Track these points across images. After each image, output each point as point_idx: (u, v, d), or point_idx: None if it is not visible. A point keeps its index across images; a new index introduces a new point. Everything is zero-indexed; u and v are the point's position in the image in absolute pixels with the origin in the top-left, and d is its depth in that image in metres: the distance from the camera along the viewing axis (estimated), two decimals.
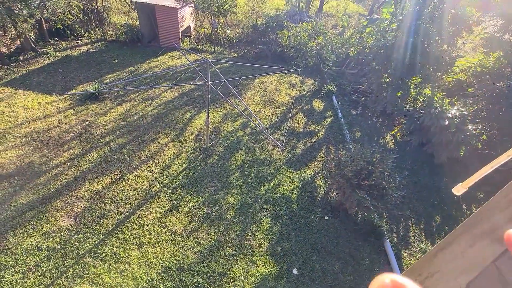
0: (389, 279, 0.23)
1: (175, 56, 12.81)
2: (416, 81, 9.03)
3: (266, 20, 14.42)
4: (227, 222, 6.17)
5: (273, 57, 13.48)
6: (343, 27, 14.22)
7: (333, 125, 9.68)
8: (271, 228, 6.19)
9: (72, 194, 6.30)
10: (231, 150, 8.00)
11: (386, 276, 0.24)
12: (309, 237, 6.13)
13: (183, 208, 6.34)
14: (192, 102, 9.82)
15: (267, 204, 6.68)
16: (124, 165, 7.14)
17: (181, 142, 8.06)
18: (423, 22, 8.06)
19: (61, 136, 7.73)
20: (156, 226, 5.90)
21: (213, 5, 13.01)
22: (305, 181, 7.42)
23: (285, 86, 11.53)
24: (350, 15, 19.85)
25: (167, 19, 12.71)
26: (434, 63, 8.43)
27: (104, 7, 14.01)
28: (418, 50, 8.13)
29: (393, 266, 5.72)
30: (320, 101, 10.91)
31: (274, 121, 9.52)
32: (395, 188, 5.79)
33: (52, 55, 11.26)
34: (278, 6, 19.51)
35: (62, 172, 6.75)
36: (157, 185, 6.76)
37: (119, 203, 6.25)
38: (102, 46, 12.74)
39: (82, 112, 8.71)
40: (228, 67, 12.50)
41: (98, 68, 11.08)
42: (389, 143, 9.36)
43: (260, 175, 7.37)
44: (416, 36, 8.11)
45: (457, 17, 8.06)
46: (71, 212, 5.96)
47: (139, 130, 8.28)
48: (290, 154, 8.20)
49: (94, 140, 7.76)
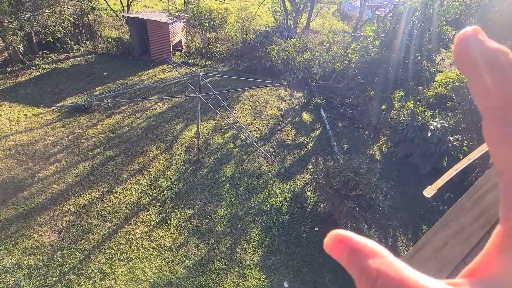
0: (332, 234, 0.24)
1: (166, 69, 12.93)
2: (399, 95, 9.44)
3: (255, 35, 14.87)
4: (217, 235, 6.11)
5: (262, 71, 13.82)
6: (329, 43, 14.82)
7: (322, 137, 9.90)
8: (262, 241, 6.16)
9: (57, 208, 6.12)
10: (221, 162, 8.02)
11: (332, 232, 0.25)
12: (299, 249, 6.13)
13: (172, 221, 6.24)
14: (183, 115, 9.87)
15: (257, 216, 6.68)
16: (112, 178, 7.03)
17: (171, 155, 8.02)
18: (403, 40, 8.55)
19: (47, 148, 7.57)
20: (144, 241, 5.78)
21: (204, 20, 13.36)
22: (295, 192, 7.49)
23: (275, 99, 11.78)
24: (336, 32, 20.73)
25: (159, 33, 12.92)
26: (415, 78, 8.87)
27: (95, 21, 14.13)
28: (399, 65, 8.57)
29: None
30: (308, 114, 11.17)
31: (264, 133, 9.65)
32: (383, 198, 5.93)
33: (41, 67, 11.16)
34: (267, 22, 20.19)
35: (47, 185, 6.56)
36: (146, 198, 6.66)
37: (106, 217, 6.11)
38: (93, 59, 12.74)
39: (70, 124, 8.59)
40: (219, 80, 12.71)
41: (88, 81, 11.04)
42: (376, 154, 9.62)
43: (250, 187, 7.39)
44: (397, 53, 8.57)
45: (434, 35, 8.60)
46: (55, 227, 5.76)
47: (129, 143, 8.21)
48: (280, 166, 8.29)
49: (82, 152, 7.63)
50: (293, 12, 18.69)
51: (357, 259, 0.21)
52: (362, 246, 0.22)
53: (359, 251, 0.21)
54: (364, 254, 0.21)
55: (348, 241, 0.22)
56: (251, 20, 17.08)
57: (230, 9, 18.40)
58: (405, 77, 8.84)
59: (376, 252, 0.21)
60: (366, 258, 0.21)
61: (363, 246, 0.22)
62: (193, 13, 13.51)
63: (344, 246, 0.22)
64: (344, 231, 0.23)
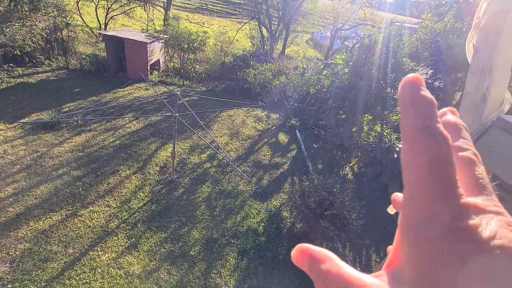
0: (295, 249, 0.28)
1: (143, 88, 12.78)
2: (368, 118, 10.11)
3: (233, 58, 15.38)
4: (191, 259, 5.85)
5: (240, 92, 14.16)
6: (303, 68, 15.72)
7: (297, 157, 10.16)
8: (238, 264, 5.99)
9: (11, 234, 5.53)
10: (197, 182, 7.87)
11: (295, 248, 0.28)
12: (276, 272, 6.03)
13: (142, 246, 5.90)
14: (158, 134, 9.67)
15: (233, 238, 6.53)
16: (78, 199, 6.56)
17: (144, 174, 7.74)
18: (368, 69, 9.34)
19: (4, 168, 6.95)
20: (110, 268, 5.36)
21: (183, 42, 13.62)
22: (272, 212, 7.49)
23: (252, 120, 12.02)
24: (309, 58, 22.09)
25: (136, 52, 12.89)
26: (381, 103, 9.62)
27: (69, 36, 13.80)
28: (367, 91, 9.28)
29: None
30: (284, 135, 11.49)
31: (241, 153, 9.71)
32: (356, 217, 6.14)
33: (4, 81, 10.50)
34: (244, 47, 21.04)
35: (1, 209, 5.95)
36: (114, 221, 6.26)
37: (69, 243, 5.62)
38: (64, 75, 12.27)
39: (34, 142, 8.03)
40: (196, 100, 12.77)
41: (57, 97, 10.54)
42: (348, 174, 10.03)
43: (227, 208, 7.27)
44: (364, 80, 9.31)
45: (396, 65, 9.51)
46: (7, 256, 5.18)
47: (98, 162, 7.81)
48: (257, 186, 8.30)
49: (45, 172, 7.10)
50: (269, 38, 19.74)
51: (314, 265, 0.26)
52: (317, 254, 0.27)
53: (315, 258, 0.27)
54: (318, 260, 0.26)
55: (307, 251, 0.27)
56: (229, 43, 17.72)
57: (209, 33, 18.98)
58: (372, 102, 9.55)
59: (326, 257, 0.27)
60: (320, 263, 0.26)
61: (318, 254, 0.27)
62: (172, 35, 13.75)
63: (306, 256, 0.27)
64: (306, 244, 0.28)
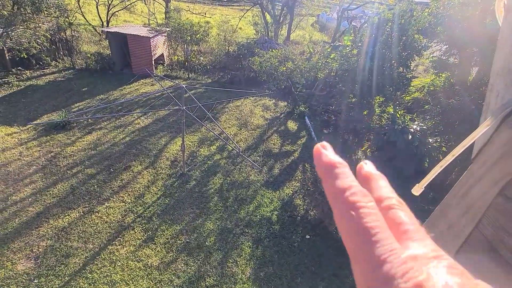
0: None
1: (149, 83, 12.77)
2: (379, 101, 9.78)
3: (238, 47, 15.08)
4: (207, 250, 5.91)
5: (246, 81, 13.95)
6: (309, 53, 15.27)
7: (308, 144, 10.00)
8: (253, 253, 6.02)
9: (33, 232, 5.72)
10: (208, 174, 7.88)
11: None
12: (292, 259, 6.03)
13: (159, 238, 6.00)
14: (167, 128, 9.70)
15: (247, 227, 6.55)
16: (93, 197, 6.70)
17: (156, 169, 7.80)
18: (379, 48, 8.95)
19: (22, 169, 7.15)
20: (129, 261, 5.49)
21: (185, 34, 13.42)
22: (285, 201, 7.44)
23: (259, 109, 11.86)
24: (315, 42, 21.43)
25: (140, 48, 12.81)
26: (392, 84, 9.25)
27: (73, 36, 13.84)
28: (378, 72, 8.92)
29: None
30: (293, 122, 11.31)
31: (250, 143, 9.63)
32: None
33: (14, 85, 10.70)
34: (248, 35, 20.59)
35: (22, 209, 6.15)
36: (130, 216, 6.38)
37: (88, 238, 5.77)
38: (71, 75, 12.39)
39: (47, 143, 8.20)
40: (203, 92, 12.67)
41: (66, 97, 10.68)
42: (361, 159, 9.80)
43: (239, 198, 7.28)
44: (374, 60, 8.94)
45: (407, 43, 9.07)
46: (31, 253, 5.37)
47: (111, 159, 7.92)
48: (268, 175, 8.25)
49: (60, 172, 7.26)
50: (273, 24, 19.21)
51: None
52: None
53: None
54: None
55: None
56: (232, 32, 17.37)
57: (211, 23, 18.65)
58: (383, 84, 9.20)
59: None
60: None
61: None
62: (174, 27, 13.56)
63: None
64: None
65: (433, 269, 0.23)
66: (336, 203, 0.27)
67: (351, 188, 0.27)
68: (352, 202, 0.26)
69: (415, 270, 0.22)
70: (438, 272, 0.23)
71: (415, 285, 0.21)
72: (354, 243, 0.25)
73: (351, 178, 0.29)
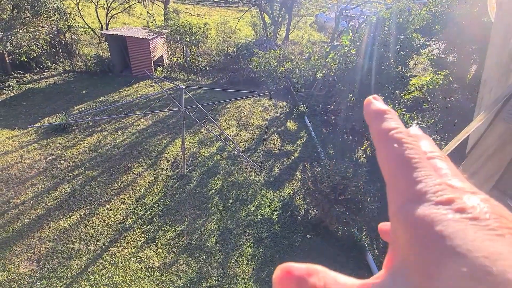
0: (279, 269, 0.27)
1: (148, 85, 12.80)
2: None
3: (236, 48, 15.12)
4: (208, 250, 5.92)
5: (245, 82, 13.98)
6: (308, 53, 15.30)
7: (308, 144, 10.02)
8: (254, 253, 6.03)
9: (34, 235, 5.74)
10: (209, 175, 7.90)
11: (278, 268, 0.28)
12: (293, 259, 6.04)
13: (160, 239, 6.01)
14: (167, 129, 9.72)
15: (248, 227, 6.56)
16: (94, 198, 6.72)
17: (156, 171, 7.82)
18: (378, 47, 8.97)
19: (23, 172, 7.17)
20: (131, 262, 5.50)
21: (184, 36, 13.46)
22: (285, 200, 7.46)
23: (259, 109, 11.89)
24: (314, 42, 21.45)
25: (139, 50, 12.85)
26: (391, 83, 9.27)
27: (73, 39, 13.88)
28: (376, 71, 8.94)
29: None
30: (293, 122, 11.33)
31: (250, 143, 9.65)
32: (371, 200, 6.02)
33: (14, 88, 10.73)
34: (247, 35, 20.62)
35: (23, 211, 6.17)
36: (131, 217, 6.39)
37: (89, 240, 5.79)
38: (71, 78, 12.42)
39: (48, 145, 8.22)
40: (202, 93, 12.70)
41: (66, 100, 10.71)
42: (361, 158, 9.83)
43: (240, 198, 7.29)
44: (373, 60, 8.96)
45: (406, 42, 9.09)
46: (33, 255, 5.39)
47: (111, 161, 7.94)
48: (268, 175, 8.27)
49: (61, 174, 7.28)
50: (272, 25, 19.25)
51: (304, 283, 0.26)
52: (305, 271, 0.26)
53: (304, 276, 0.26)
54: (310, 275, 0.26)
55: (292, 270, 0.27)
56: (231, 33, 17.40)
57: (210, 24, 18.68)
58: (382, 83, 9.21)
59: (315, 271, 0.26)
60: (310, 279, 0.26)
61: (307, 270, 0.26)
62: (173, 29, 13.60)
63: (292, 276, 0.26)
64: (288, 264, 0.27)
65: (467, 195, 0.24)
66: (381, 141, 0.28)
67: (397, 128, 0.28)
68: (398, 138, 0.27)
69: (448, 190, 0.23)
70: (472, 197, 0.24)
71: (447, 200, 0.23)
72: (393, 167, 0.26)
73: (399, 122, 0.29)
